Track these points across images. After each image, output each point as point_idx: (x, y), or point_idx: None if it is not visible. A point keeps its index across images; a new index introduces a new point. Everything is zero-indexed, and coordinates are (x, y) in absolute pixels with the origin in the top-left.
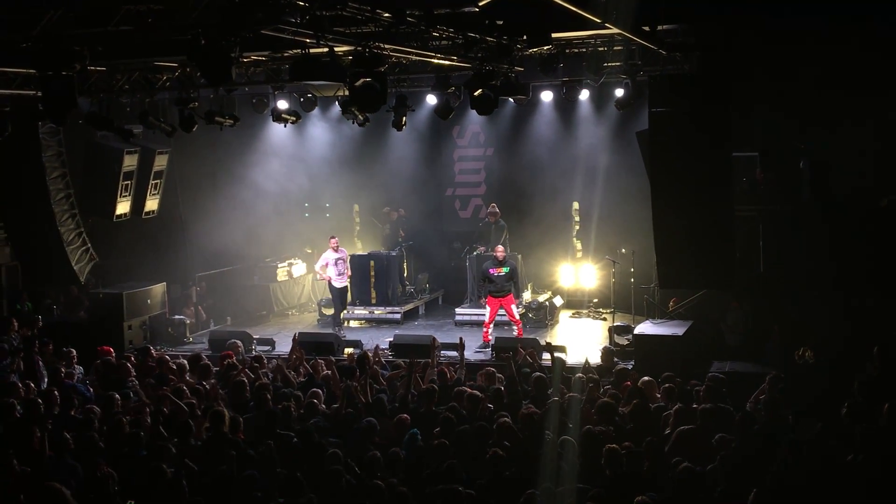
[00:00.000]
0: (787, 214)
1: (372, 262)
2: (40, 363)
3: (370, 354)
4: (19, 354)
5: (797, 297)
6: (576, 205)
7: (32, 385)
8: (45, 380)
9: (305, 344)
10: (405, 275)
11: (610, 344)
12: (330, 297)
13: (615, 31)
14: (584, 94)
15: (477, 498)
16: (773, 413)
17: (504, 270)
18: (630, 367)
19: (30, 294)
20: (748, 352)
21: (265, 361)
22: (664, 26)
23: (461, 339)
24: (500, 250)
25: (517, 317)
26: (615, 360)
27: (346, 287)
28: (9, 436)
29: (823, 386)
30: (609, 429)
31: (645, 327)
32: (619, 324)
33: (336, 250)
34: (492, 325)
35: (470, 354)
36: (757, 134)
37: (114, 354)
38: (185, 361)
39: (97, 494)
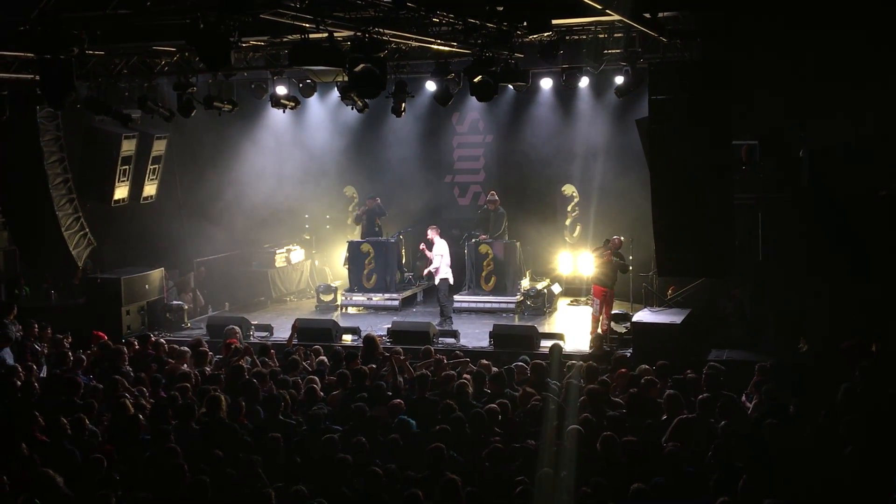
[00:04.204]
0: (787, 202)
1: (370, 249)
2: (38, 349)
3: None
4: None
5: (796, 285)
6: (573, 192)
7: (35, 368)
8: (45, 366)
9: (303, 330)
10: (403, 261)
11: (597, 334)
12: (329, 283)
13: (616, 17)
14: (584, 82)
15: (472, 482)
16: (769, 401)
17: (615, 259)
18: (628, 354)
19: (27, 279)
20: (747, 340)
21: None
22: (665, 13)
23: None
24: (616, 238)
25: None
26: (603, 345)
27: (446, 279)
28: (11, 420)
29: (821, 374)
30: (604, 416)
31: (643, 315)
32: (617, 311)
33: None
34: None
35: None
36: (757, 121)
37: (105, 339)
38: (187, 348)
39: (89, 478)
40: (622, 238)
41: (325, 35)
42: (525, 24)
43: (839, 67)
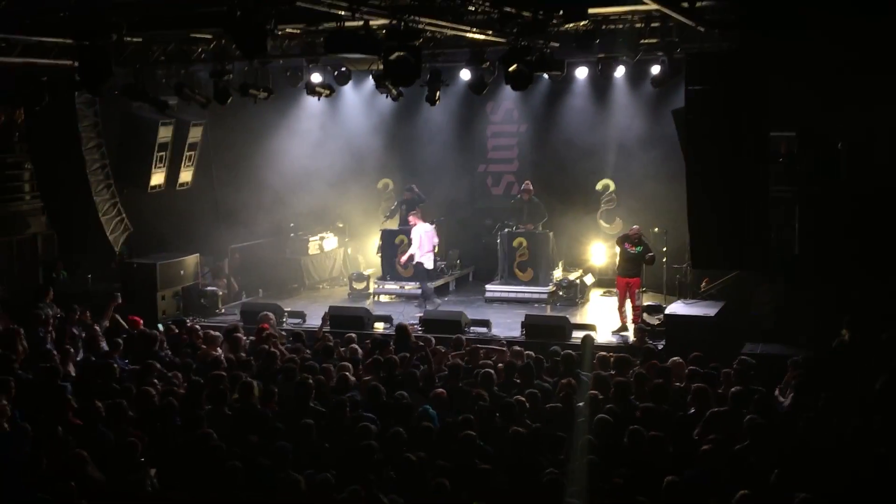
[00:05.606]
0: (824, 195)
1: (404, 238)
2: (76, 333)
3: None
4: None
5: (832, 278)
6: (610, 184)
7: (72, 351)
8: (81, 350)
9: (336, 318)
10: (436, 251)
11: (641, 323)
12: (361, 272)
13: (653, 6)
14: (620, 71)
15: (499, 472)
16: (801, 396)
17: (637, 249)
18: (660, 347)
19: (65, 263)
20: (782, 334)
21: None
22: (703, 2)
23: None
24: (635, 228)
25: (637, 302)
26: (645, 338)
27: (420, 264)
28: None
29: (856, 367)
30: (634, 408)
31: (676, 307)
32: (650, 303)
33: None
34: (626, 307)
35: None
36: (795, 113)
37: (141, 323)
38: (219, 333)
39: (123, 461)
40: (636, 227)
41: (361, 23)
42: (561, 12)
43: (879, 57)
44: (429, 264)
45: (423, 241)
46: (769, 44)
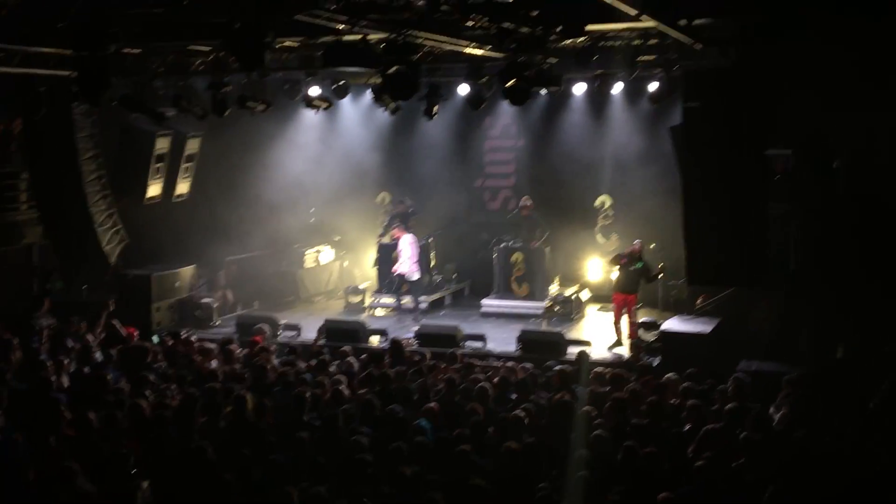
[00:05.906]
0: (821, 210)
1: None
2: (71, 345)
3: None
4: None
5: (830, 294)
6: (607, 200)
7: (66, 363)
8: (75, 362)
9: (331, 331)
10: (432, 265)
11: (637, 339)
12: (356, 285)
13: (651, 23)
14: (618, 87)
15: (492, 487)
16: (794, 413)
17: (637, 266)
18: (656, 363)
19: (60, 274)
20: (778, 351)
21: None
22: (701, 19)
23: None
24: (637, 244)
25: (633, 319)
26: (640, 354)
27: (404, 275)
28: (43, 414)
29: (853, 383)
30: (628, 424)
31: (672, 324)
32: (646, 319)
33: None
34: (622, 322)
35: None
36: (792, 128)
37: (136, 335)
38: (215, 345)
39: (114, 473)
40: (638, 243)
41: (360, 37)
42: (559, 28)
43: (878, 61)
44: (413, 276)
45: (412, 253)
46: (766, 59)
